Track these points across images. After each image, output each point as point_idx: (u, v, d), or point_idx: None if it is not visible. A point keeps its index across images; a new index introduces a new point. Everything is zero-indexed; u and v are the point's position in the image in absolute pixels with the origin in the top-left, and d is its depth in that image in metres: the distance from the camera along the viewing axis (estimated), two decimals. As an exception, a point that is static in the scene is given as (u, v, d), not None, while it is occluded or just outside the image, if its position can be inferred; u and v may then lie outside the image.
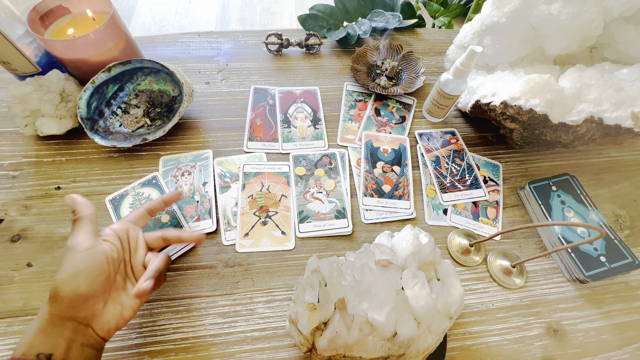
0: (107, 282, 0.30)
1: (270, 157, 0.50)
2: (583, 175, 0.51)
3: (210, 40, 0.63)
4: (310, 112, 0.55)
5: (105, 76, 0.47)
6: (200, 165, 0.48)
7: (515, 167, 0.52)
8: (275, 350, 0.37)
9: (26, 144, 0.48)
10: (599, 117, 0.41)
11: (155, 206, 0.38)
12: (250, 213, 0.45)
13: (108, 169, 0.47)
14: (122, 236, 0.34)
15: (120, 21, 0.48)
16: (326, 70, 0.61)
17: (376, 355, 0.30)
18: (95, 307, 0.29)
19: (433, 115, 0.55)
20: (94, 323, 0.29)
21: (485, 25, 0.50)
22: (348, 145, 0.52)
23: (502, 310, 0.41)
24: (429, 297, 0.30)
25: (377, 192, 0.48)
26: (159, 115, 0.51)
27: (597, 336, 0.40)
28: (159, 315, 0.38)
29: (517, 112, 0.43)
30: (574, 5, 0.43)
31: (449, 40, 0.68)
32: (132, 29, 1.59)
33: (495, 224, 0.47)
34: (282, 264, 0.42)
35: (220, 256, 0.42)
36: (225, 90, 0.57)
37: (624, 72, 0.41)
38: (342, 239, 0.45)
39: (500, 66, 0.52)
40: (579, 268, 0.41)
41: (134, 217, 0.36)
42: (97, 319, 0.29)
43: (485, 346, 0.39)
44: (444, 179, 0.49)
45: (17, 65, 0.46)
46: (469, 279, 0.43)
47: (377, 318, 0.29)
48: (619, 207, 0.50)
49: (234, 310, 0.39)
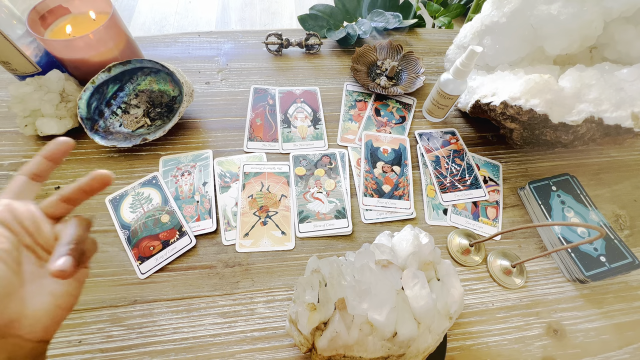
0: (8, 279, 0.23)
1: (270, 157, 0.50)
2: (583, 175, 0.51)
3: (210, 40, 0.63)
4: (310, 112, 0.55)
5: (105, 76, 0.47)
6: (200, 165, 0.48)
7: (515, 167, 0.52)
8: (275, 350, 0.37)
9: (26, 144, 0.48)
10: (599, 117, 0.41)
11: (37, 167, 0.28)
12: (250, 213, 0.45)
13: (108, 169, 0.47)
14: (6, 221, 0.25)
15: (120, 21, 0.48)
16: (326, 70, 0.61)
17: (376, 355, 0.30)
18: (7, 311, 0.22)
19: (433, 115, 0.55)
20: (17, 329, 0.23)
21: (485, 25, 0.50)
22: (348, 145, 0.52)
23: (502, 310, 0.41)
24: (429, 297, 0.30)
25: (377, 192, 0.48)
26: (159, 115, 0.51)
27: (597, 336, 0.40)
28: (159, 315, 0.38)
29: (517, 112, 0.43)
30: (574, 5, 0.43)
31: (449, 40, 0.68)
32: (132, 29, 1.59)
33: (495, 224, 0.47)
34: (282, 264, 0.42)
35: (220, 256, 0.42)
36: (225, 90, 0.57)
37: (624, 72, 0.41)
38: (342, 239, 0.45)
39: (500, 66, 0.52)
40: (579, 268, 0.41)
41: (12, 191, 0.26)
42: (18, 323, 0.23)
43: (485, 346, 0.39)
44: (444, 179, 0.49)
45: (17, 65, 0.46)
46: (469, 279, 0.43)
47: (377, 318, 0.29)
48: (619, 207, 0.50)
49: (234, 310, 0.39)
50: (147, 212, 0.44)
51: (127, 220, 0.43)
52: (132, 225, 0.43)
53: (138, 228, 0.42)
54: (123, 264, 0.40)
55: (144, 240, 0.42)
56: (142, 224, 0.43)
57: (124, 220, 0.43)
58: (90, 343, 0.36)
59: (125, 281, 0.39)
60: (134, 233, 0.42)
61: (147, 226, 0.43)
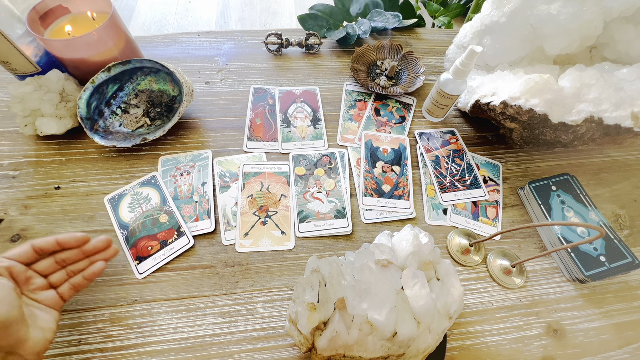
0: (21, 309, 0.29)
1: (270, 157, 0.50)
2: (583, 175, 0.51)
3: (210, 40, 0.63)
4: (310, 112, 0.55)
5: (105, 76, 0.47)
6: (199, 166, 0.48)
7: (515, 167, 0.52)
8: (275, 350, 0.37)
9: (26, 144, 0.48)
10: (599, 117, 0.41)
11: (45, 246, 0.34)
12: (250, 213, 0.45)
13: (108, 169, 0.47)
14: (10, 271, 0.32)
15: (120, 21, 0.48)
16: (326, 70, 0.61)
17: (376, 355, 0.30)
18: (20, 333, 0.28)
19: (433, 115, 0.55)
20: (22, 349, 0.29)
21: (485, 25, 0.50)
22: (348, 145, 0.52)
23: (502, 310, 0.41)
24: (429, 297, 0.30)
25: (377, 192, 0.48)
26: (159, 115, 0.51)
27: (597, 336, 0.40)
28: (159, 315, 0.38)
29: (517, 112, 0.43)
30: (574, 5, 0.43)
31: (449, 40, 0.68)
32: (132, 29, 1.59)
33: (495, 224, 0.47)
34: (282, 264, 0.42)
35: (220, 256, 0.42)
36: (225, 90, 0.57)
37: (624, 72, 0.41)
38: (342, 239, 0.45)
39: (500, 66, 0.52)
40: (579, 268, 0.41)
41: (17, 255, 0.33)
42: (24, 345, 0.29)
43: (485, 346, 0.39)
44: (444, 179, 0.49)
45: (17, 65, 0.46)
46: (469, 279, 0.43)
47: (377, 318, 0.29)
48: (619, 207, 0.50)
49: (234, 310, 0.39)
50: (145, 212, 0.44)
51: (126, 220, 0.43)
52: (131, 225, 0.43)
53: (136, 228, 0.42)
54: (122, 264, 0.40)
55: (143, 241, 0.42)
56: (140, 224, 0.43)
57: (123, 220, 0.43)
58: (90, 343, 0.36)
59: (125, 281, 0.39)
60: (133, 233, 0.42)
61: (146, 226, 0.43)
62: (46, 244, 0.34)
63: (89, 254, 0.36)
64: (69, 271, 0.35)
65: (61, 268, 0.35)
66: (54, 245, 0.34)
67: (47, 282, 0.34)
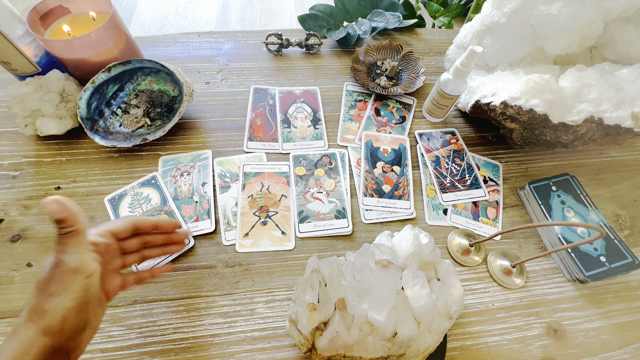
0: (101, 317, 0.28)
1: (270, 157, 0.50)
2: (583, 175, 0.51)
3: (210, 40, 0.63)
4: (310, 112, 0.55)
5: (105, 76, 0.47)
6: (199, 166, 0.48)
7: (515, 167, 0.52)
8: (275, 350, 0.37)
9: (26, 144, 0.48)
10: (599, 117, 0.41)
11: (143, 225, 0.33)
12: (250, 213, 0.45)
13: (108, 169, 0.47)
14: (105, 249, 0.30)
15: (120, 21, 0.48)
16: (326, 70, 0.61)
17: (376, 355, 0.30)
18: (86, 336, 0.26)
19: (433, 115, 0.55)
20: (77, 351, 0.26)
21: (485, 25, 0.50)
22: (348, 145, 0.52)
23: (502, 310, 0.41)
24: (429, 297, 0.30)
25: (377, 192, 0.48)
26: (159, 115, 0.51)
27: (597, 336, 0.40)
28: (159, 315, 0.38)
29: (517, 112, 0.43)
30: (574, 5, 0.43)
31: (449, 40, 0.68)
32: (132, 29, 1.59)
33: (495, 224, 0.47)
34: (282, 264, 0.42)
35: (220, 256, 0.42)
36: (225, 90, 0.57)
37: (624, 72, 0.41)
38: (342, 239, 0.45)
39: (500, 66, 0.52)
40: (579, 268, 0.41)
41: (118, 228, 0.31)
42: (80, 346, 0.26)
43: (485, 346, 0.39)
44: (444, 179, 0.49)
45: (17, 65, 0.46)
46: (469, 279, 0.43)
47: (377, 318, 0.29)
48: (619, 207, 0.50)
49: (234, 310, 0.39)
50: (145, 212, 0.44)
51: (127, 220, 0.43)
52: (132, 225, 0.43)
53: (138, 228, 0.42)
54: (123, 264, 0.40)
55: (144, 240, 0.42)
56: (142, 224, 0.43)
57: (124, 220, 0.43)
58: (90, 343, 0.36)
59: (125, 281, 0.39)
60: (134, 233, 0.42)
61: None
62: (144, 223, 0.33)
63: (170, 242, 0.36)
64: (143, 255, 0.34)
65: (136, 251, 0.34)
66: (150, 226, 0.33)
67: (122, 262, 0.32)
